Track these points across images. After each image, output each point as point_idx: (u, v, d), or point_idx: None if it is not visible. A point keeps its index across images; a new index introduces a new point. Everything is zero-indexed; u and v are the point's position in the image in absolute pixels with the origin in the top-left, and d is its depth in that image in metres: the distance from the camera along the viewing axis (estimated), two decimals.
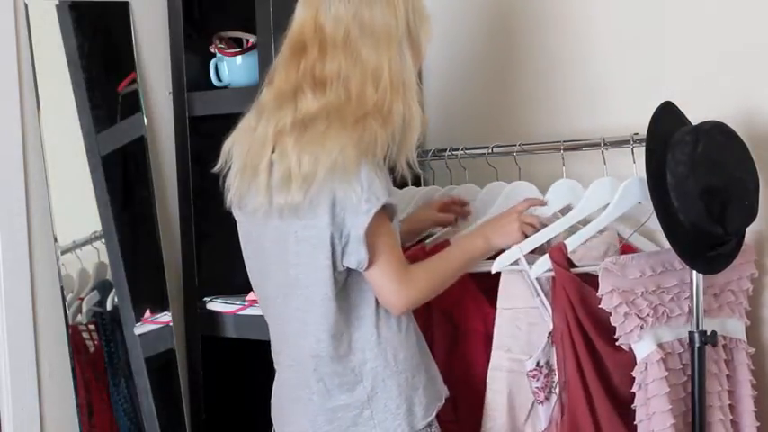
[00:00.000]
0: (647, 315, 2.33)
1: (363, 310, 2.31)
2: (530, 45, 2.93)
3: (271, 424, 2.49)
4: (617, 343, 2.34)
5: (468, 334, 2.58)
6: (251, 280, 2.44)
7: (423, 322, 2.49)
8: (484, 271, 2.46)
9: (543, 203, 2.50)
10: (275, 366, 2.45)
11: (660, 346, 2.34)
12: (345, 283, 2.30)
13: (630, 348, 2.33)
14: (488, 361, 2.48)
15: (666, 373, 2.32)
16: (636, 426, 2.34)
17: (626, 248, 2.53)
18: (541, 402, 2.41)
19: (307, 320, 2.31)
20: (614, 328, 2.32)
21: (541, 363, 2.41)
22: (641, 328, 2.32)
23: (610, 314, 2.32)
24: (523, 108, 2.95)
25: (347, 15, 2.29)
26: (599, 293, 2.33)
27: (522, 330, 2.44)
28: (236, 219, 2.43)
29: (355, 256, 2.25)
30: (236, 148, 2.36)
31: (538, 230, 2.43)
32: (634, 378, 2.33)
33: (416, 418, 2.31)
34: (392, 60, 2.29)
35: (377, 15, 2.29)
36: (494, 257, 2.44)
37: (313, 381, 2.32)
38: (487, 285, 2.53)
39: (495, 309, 2.49)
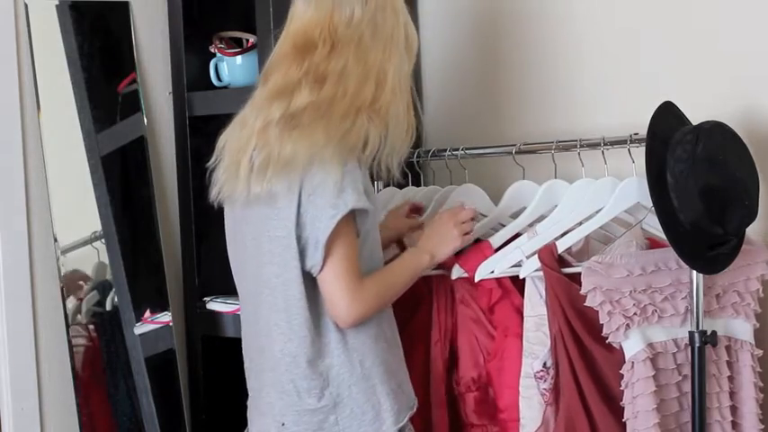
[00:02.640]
0: (634, 314, 2.33)
1: None
2: (530, 45, 2.92)
3: None
4: (607, 341, 2.34)
5: (508, 336, 2.53)
6: (234, 277, 2.44)
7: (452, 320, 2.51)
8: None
9: (474, 216, 2.49)
10: (249, 365, 2.44)
11: (650, 345, 2.34)
12: (317, 286, 2.29)
13: (621, 347, 2.34)
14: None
15: (653, 373, 2.32)
16: None
17: (655, 243, 2.48)
18: (550, 404, 2.40)
19: (279, 321, 2.31)
20: (603, 326, 2.33)
21: (548, 364, 2.40)
22: (627, 327, 2.33)
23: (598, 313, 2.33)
24: (523, 108, 2.94)
25: (364, 18, 2.30)
26: (581, 292, 2.33)
27: (548, 337, 2.41)
28: (224, 216, 2.43)
29: (311, 259, 2.25)
30: (228, 145, 2.37)
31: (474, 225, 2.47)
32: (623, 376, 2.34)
33: (385, 424, 2.30)
34: (396, 64, 2.31)
35: (387, 21, 2.32)
36: None
37: (285, 381, 2.32)
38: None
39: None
